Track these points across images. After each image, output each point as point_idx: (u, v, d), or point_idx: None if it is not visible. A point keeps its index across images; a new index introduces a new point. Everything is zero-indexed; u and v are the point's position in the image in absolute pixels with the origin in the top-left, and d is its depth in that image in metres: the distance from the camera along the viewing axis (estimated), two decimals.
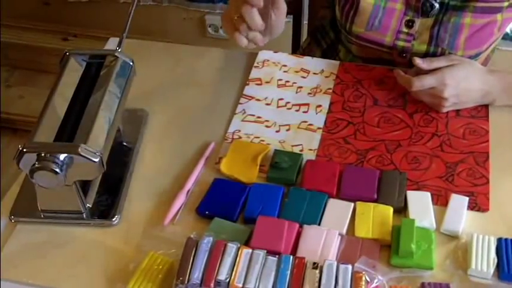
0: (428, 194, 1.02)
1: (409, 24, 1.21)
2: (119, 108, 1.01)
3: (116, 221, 1.01)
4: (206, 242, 0.92)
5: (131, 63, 1.08)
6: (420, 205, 1.01)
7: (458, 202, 1.01)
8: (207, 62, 1.30)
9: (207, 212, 1.00)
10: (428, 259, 0.94)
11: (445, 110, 1.15)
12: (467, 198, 1.01)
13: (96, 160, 0.92)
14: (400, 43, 1.23)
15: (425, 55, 1.22)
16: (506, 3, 1.16)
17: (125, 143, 1.13)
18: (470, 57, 1.21)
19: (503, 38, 1.94)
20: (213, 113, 1.18)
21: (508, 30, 2.02)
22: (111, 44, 1.30)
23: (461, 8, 1.17)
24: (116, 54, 1.07)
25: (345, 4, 1.24)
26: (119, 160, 1.09)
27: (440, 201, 1.03)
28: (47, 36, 2.54)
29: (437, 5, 1.17)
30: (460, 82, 1.12)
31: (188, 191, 1.05)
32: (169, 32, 2.51)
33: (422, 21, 1.20)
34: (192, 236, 0.94)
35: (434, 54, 1.22)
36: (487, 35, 1.20)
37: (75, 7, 2.48)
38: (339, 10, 1.26)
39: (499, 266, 0.93)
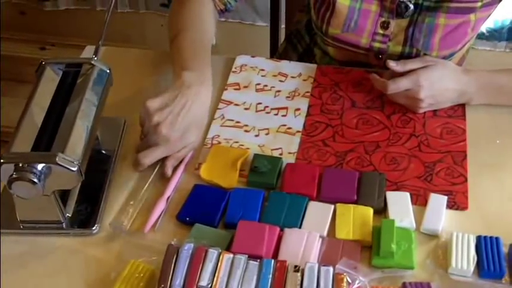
0: (408, 194, 1.03)
1: (385, 25, 1.22)
2: (96, 116, 1.01)
3: (96, 230, 1.01)
4: (187, 249, 0.92)
5: (108, 71, 1.08)
6: (400, 205, 1.01)
7: (437, 201, 1.02)
8: None
9: (187, 218, 1.00)
10: (409, 259, 0.94)
11: (421, 110, 1.16)
12: (446, 198, 1.02)
13: (75, 169, 0.91)
14: (376, 44, 1.24)
15: (400, 56, 1.23)
16: (479, 4, 1.17)
17: (103, 151, 1.12)
18: (445, 57, 1.23)
19: (479, 38, 1.96)
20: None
21: (483, 29, 2.05)
22: (88, 52, 1.29)
23: (435, 8, 1.18)
24: (92, 62, 1.06)
25: (320, 6, 1.24)
26: (98, 168, 1.08)
27: (420, 201, 1.03)
28: (25, 46, 2.53)
29: (411, 6, 1.18)
30: (434, 83, 1.13)
31: (168, 198, 1.05)
32: (147, 38, 2.51)
33: (397, 22, 1.21)
34: (172, 242, 0.94)
35: (409, 55, 1.23)
36: (461, 35, 1.21)
37: (52, 16, 2.47)
38: (315, 13, 1.26)
39: (479, 264, 0.94)
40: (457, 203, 1.03)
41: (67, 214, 1.01)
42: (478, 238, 0.96)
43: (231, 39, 2.29)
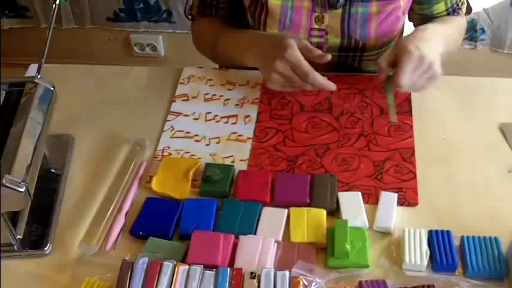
0: (359, 194, 1.04)
1: (319, 19, 1.24)
2: (42, 135, 0.99)
3: (49, 250, 0.99)
4: (141, 263, 0.91)
5: (52, 89, 1.07)
6: (352, 205, 1.02)
7: (388, 199, 1.03)
8: (132, 81, 1.30)
9: (140, 233, 0.99)
10: (364, 257, 0.95)
11: (439, 73, 1.14)
12: (396, 195, 1.04)
13: (22, 190, 0.90)
14: (314, 39, 1.26)
15: (340, 48, 1.27)
16: None
17: (52, 170, 1.11)
18: (383, 45, 1.27)
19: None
20: (141, 132, 1.17)
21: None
22: (32, 70, 1.27)
23: None
24: (36, 80, 1.05)
25: (254, 9, 1.26)
26: (48, 188, 1.07)
27: (371, 199, 1.05)
28: None
29: None
30: (423, 49, 1.12)
31: (127, 213, 1.04)
32: (94, 54, 2.48)
33: (331, 14, 1.23)
34: (126, 258, 0.93)
35: (348, 46, 1.26)
36: (395, 20, 1.25)
37: None
38: (251, 17, 1.27)
39: (432, 258, 0.95)
40: (407, 199, 1.05)
41: (18, 236, 0.99)
42: (430, 233, 0.98)
43: (180, 50, 2.29)
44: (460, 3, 1.31)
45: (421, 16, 1.32)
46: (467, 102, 1.22)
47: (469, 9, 1.34)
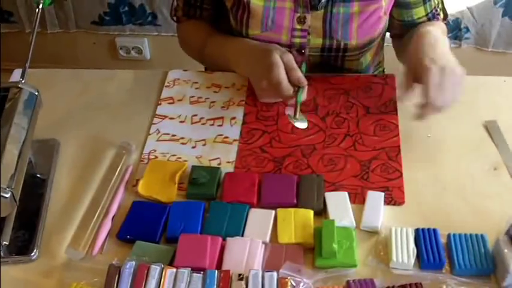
0: (346, 194, 1.04)
1: (301, 20, 1.24)
2: (26, 140, 0.99)
3: (35, 256, 0.99)
4: (129, 267, 0.91)
5: (36, 94, 1.06)
6: (339, 205, 1.03)
7: (375, 198, 1.03)
8: (117, 84, 1.29)
9: (128, 237, 0.99)
10: (351, 257, 0.95)
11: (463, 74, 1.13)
12: (382, 194, 1.04)
13: (7, 196, 0.90)
14: (297, 40, 1.26)
15: (322, 48, 1.27)
16: None
17: (38, 175, 1.10)
18: (365, 46, 1.27)
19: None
20: (127, 136, 1.17)
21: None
22: (16, 75, 1.26)
23: None
24: (20, 85, 1.05)
25: (237, 10, 1.26)
26: (33, 193, 1.06)
27: (358, 199, 1.05)
28: None
29: None
30: (440, 61, 1.12)
31: (113, 217, 1.03)
32: (80, 58, 2.48)
33: (313, 15, 1.23)
34: (114, 262, 0.93)
35: (330, 47, 1.26)
36: (376, 21, 1.25)
37: None
38: (233, 18, 1.28)
39: (419, 256, 0.95)
40: (394, 198, 1.05)
41: (4, 242, 0.99)
42: (417, 231, 0.98)
43: (166, 53, 2.29)
44: (439, 9, 1.32)
45: (402, 23, 1.32)
46: None
47: (445, 15, 1.35)
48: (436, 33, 1.21)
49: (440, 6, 1.33)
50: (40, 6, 1.11)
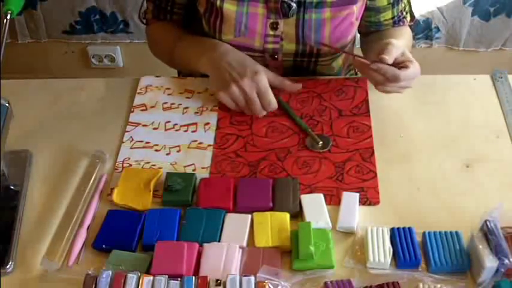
0: (321, 196, 1.05)
1: (274, 26, 1.24)
2: None
3: (10, 268, 0.97)
4: (105, 276, 0.90)
5: (7, 105, 1.05)
6: (314, 207, 1.03)
7: (350, 199, 1.04)
8: (89, 93, 1.29)
9: (103, 246, 0.98)
10: (328, 258, 0.96)
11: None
12: (357, 195, 1.05)
13: None
14: (270, 46, 1.26)
15: (295, 54, 1.28)
16: None
17: (11, 187, 1.09)
18: (337, 51, 1.28)
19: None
20: (100, 145, 1.16)
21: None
22: None
23: (318, 4, 1.21)
24: None
25: (209, 16, 1.25)
26: (7, 205, 1.05)
27: (333, 200, 1.05)
28: None
29: (294, 5, 1.21)
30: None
31: (88, 227, 1.02)
32: (52, 67, 2.45)
33: (286, 21, 1.24)
34: (90, 272, 0.92)
35: (303, 52, 1.27)
36: (348, 26, 1.26)
37: None
38: (206, 23, 1.27)
39: (395, 255, 0.96)
40: (369, 198, 1.06)
41: None
42: (392, 230, 0.99)
43: (139, 60, 2.27)
44: (405, 13, 1.34)
45: (369, 24, 1.33)
46: (423, 100, 1.24)
47: (412, 18, 1.37)
48: (403, 42, 1.23)
49: (407, 8, 1.34)
50: (8, 17, 1.10)
